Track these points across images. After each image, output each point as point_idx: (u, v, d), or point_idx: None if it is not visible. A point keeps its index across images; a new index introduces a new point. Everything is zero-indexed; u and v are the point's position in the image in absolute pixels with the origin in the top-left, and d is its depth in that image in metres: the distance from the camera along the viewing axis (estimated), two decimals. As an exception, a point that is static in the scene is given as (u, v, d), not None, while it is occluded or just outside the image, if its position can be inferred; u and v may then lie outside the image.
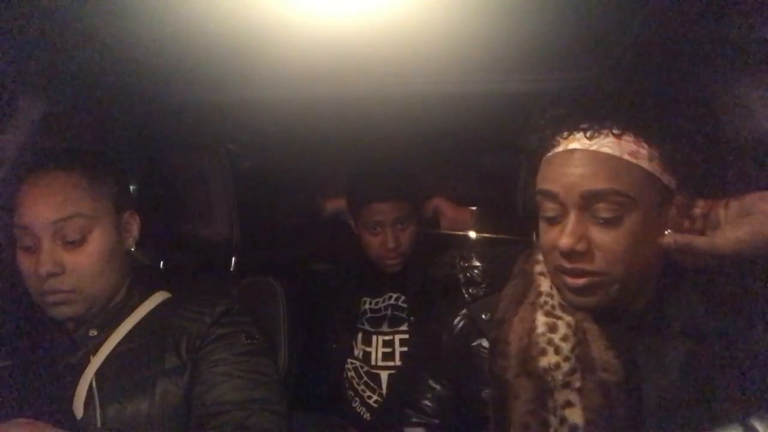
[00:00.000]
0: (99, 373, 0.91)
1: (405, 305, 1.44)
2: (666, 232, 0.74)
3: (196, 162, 1.25)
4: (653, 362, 0.74)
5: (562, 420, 0.73)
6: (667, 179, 0.74)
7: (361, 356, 1.44)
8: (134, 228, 1.03)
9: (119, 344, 0.95)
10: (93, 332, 0.95)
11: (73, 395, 0.89)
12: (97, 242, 0.94)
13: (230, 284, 1.20)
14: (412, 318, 1.42)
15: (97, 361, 0.92)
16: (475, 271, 0.96)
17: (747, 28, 0.81)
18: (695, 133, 0.73)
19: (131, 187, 1.54)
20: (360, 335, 1.46)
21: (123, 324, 0.97)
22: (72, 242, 0.91)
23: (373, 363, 1.42)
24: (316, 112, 1.36)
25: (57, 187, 0.92)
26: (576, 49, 0.98)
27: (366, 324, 1.46)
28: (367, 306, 1.48)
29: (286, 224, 1.84)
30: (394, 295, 1.46)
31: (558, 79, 1.11)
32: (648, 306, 0.78)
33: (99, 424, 0.86)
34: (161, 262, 1.37)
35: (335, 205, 1.79)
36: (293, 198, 2.40)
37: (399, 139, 1.68)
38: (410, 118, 1.44)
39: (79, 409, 0.88)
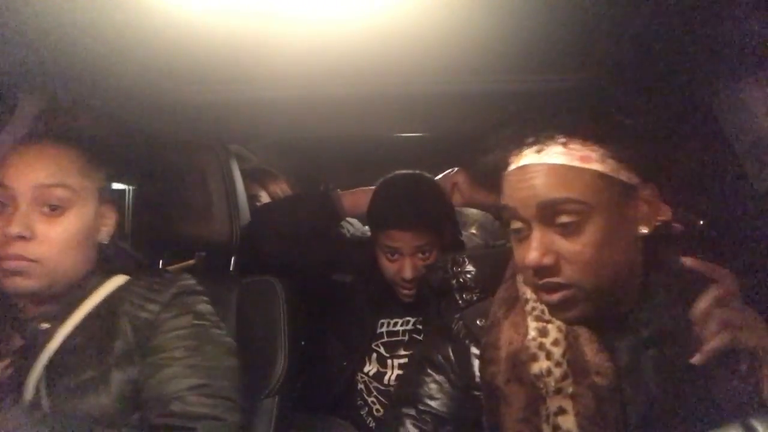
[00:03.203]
0: (49, 368, 0.87)
1: (421, 327, 1.38)
2: (642, 229, 0.73)
3: (196, 162, 1.25)
4: (643, 365, 0.73)
5: (555, 427, 0.72)
6: (626, 176, 0.73)
7: (372, 374, 1.40)
8: (110, 222, 1.00)
9: (70, 336, 0.90)
10: (44, 325, 0.90)
11: (20, 393, 0.85)
12: (74, 219, 0.92)
13: (230, 284, 1.20)
14: None
15: (44, 356, 0.87)
16: (468, 275, 0.94)
17: (747, 27, 0.81)
18: (646, 127, 0.73)
19: (131, 187, 1.55)
20: (374, 356, 1.41)
21: (75, 313, 0.92)
22: (51, 210, 0.89)
23: (385, 382, 1.38)
24: (317, 112, 1.36)
25: (51, 154, 0.91)
26: (575, 50, 0.98)
27: (381, 348, 1.41)
28: (384, 329, 1.41)
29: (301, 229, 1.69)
30: (412, 320, 1.40)
31: (558, 79, 1.11)
32: (635, 308, 0.77)
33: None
34: (160, 262, 1.37)
35: (353, 201, 1.57)
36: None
37: (399, 139, 1.68)
38: (410, 118, 1.44)
39: (26, 405, 0.84)
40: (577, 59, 1.03)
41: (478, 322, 0.87)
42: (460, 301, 0.93)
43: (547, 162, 0.72)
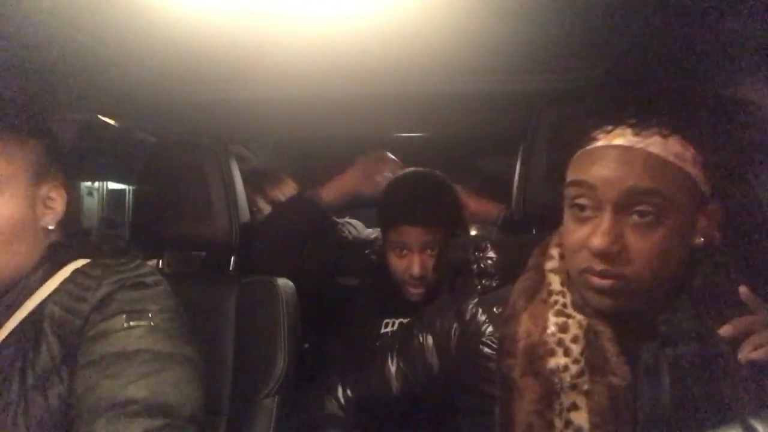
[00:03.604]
0: None
1: None
2: (698, 240, 0.73)
3: (196, 162, 1.25)
4: (662, 369, 0.73)
5: (567, 422, 0.72)
6: (704, 186, 0.71)
7: None
8: (57, 204, 0.85)
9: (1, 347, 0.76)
10: None
11: None
12: None
13: (230, 284, 1.20)
14: None
15: None
16: (489, 261, 0.93)
17: (747, 27, 0.81)
18: (739, 139, 0.72)
19: (131, 187, 1.54)
20: None
21: (13, 317, 0.79)
22: None
23: None
24: (317, 112, 1.37)
25: None
26: (576, 49, 0.98)
27: None
28: (389, 329, 1.40)
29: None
30: None
31: (558, 79, 1.11)
32: (659, 312, 0.76)
33: None
34: (160, 261, 1.37)
35: (333, 190, 1.49)
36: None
37: (399, 139, 1.68)
38: (410, 118, 1.44)
39: None
40: (577, 59, 1.03)
41: (494, 309, 0.87)
42: (478, 287, 0.92)
43: (645, 148, 0.69)
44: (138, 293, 0.80)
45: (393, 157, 1.54)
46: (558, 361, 0.74)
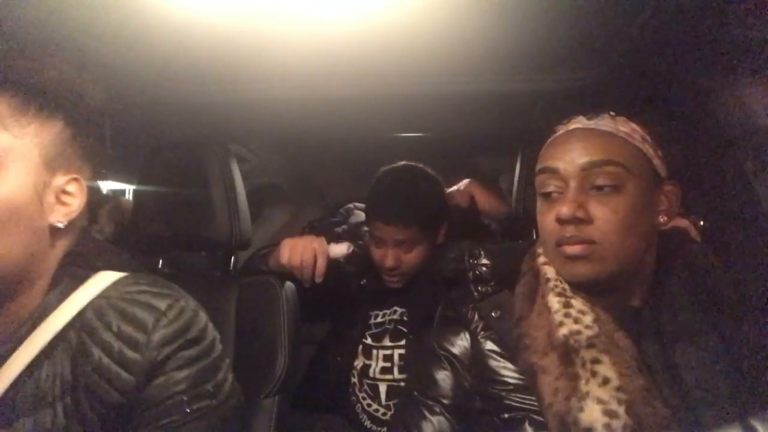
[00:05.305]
0: None
1: (407, 319, 1.42)
2: (661, 219, 0.79)
3: (196, 162, 1.25)
4: (667, 361, 0.74)
5: (593, 373, 0.73)
6: (658, 164, 0.79)
7: (360, 368, 1.43)
8: (74, 200, 0.73)
9: (29, 367, 0.67)
10: None
11: None
12: None
13: (230, 284, 1.20)
14: (411, 336, 1.39)
15: None
16: (484, 268, 0.96)
17: (747, 28, 0.81)
18: (683, 122, 0.78)
19: (131, 187, 1.54)
20: (360, 348, 1.44)
21: (36, 332, 0.68)
22: None
23: (371, 375, 1.41)
24: (317, 112, 1.37)
25: None
26: (576, 49, 0.98)
27: (369, 338, 1.44)
28: (372, 321, 1.46)
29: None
30: (399, 310, 1.45)
31: (558, 79, 1.11)
32: (644, 304, 0.80)
33: None
34: (160, 261, 1.37)
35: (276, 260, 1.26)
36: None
37: (399, 139, 1.68)
38: (410, 118, 1.44)
39: None
40: (576, 59, 1.03)
41: (493, 314, 0.90)
42: (475, 293, 0.95)
43: (596, 128, 0.80)
44: (194, 352, 0.74)
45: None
46: (570, 327, 0.77)
